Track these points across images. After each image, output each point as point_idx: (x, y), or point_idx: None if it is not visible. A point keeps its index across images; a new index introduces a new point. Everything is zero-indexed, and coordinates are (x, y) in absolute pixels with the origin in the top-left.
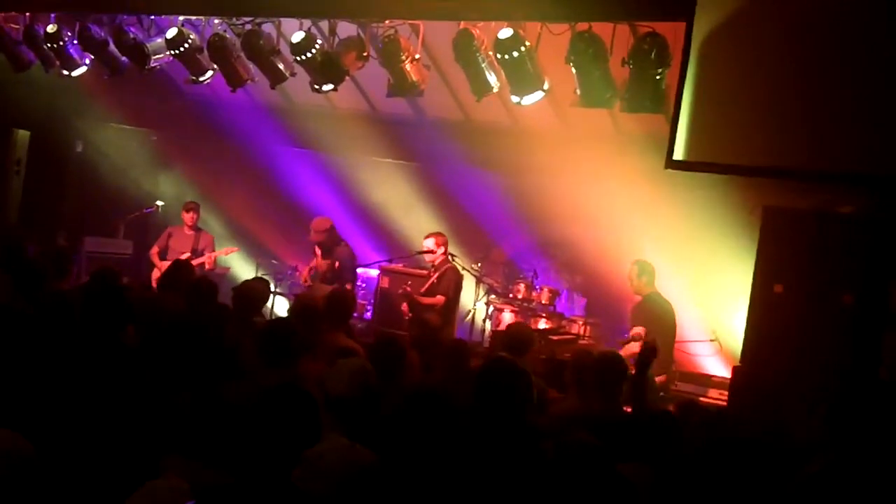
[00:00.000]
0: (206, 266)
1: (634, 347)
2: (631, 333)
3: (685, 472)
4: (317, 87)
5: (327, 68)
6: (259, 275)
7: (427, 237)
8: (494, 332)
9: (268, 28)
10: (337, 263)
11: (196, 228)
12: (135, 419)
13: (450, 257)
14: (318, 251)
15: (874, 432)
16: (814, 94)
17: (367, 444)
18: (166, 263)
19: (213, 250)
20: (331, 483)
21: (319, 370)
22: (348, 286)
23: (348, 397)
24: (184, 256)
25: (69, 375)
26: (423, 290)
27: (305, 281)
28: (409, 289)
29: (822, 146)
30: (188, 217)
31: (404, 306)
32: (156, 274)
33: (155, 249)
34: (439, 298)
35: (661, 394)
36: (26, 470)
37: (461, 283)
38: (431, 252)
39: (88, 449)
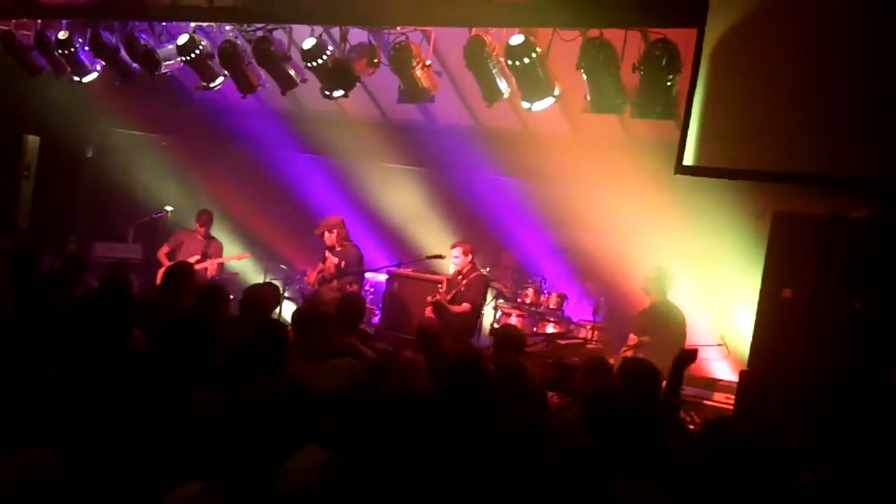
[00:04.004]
0: (209, 272)
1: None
2: (629, 342)
3: (683, 482)
4: (327, 93)
5: (338, 75)
6: (268, 279)
7: (454, 247)
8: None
9: (279, 35)
10: (343, 262)
11: (208, 237)
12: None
13: (475, 265)
14: (328, 254)
15: (878, 441)
16: (824, 99)
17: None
18: None
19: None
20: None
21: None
22: (354, 287)
23: (342, 394)
24: (192, 259)
25: (79, 383)
26: (448, 297)
27: (313, 284)
28: (439, 297)
29: (833, 151)
30: (200, 229)
31: (428, 310)
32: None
33: (164, 249)
34: (465, 307)
35: None
36: (57, 487)
37: (487, 291)
38: (441, 256)
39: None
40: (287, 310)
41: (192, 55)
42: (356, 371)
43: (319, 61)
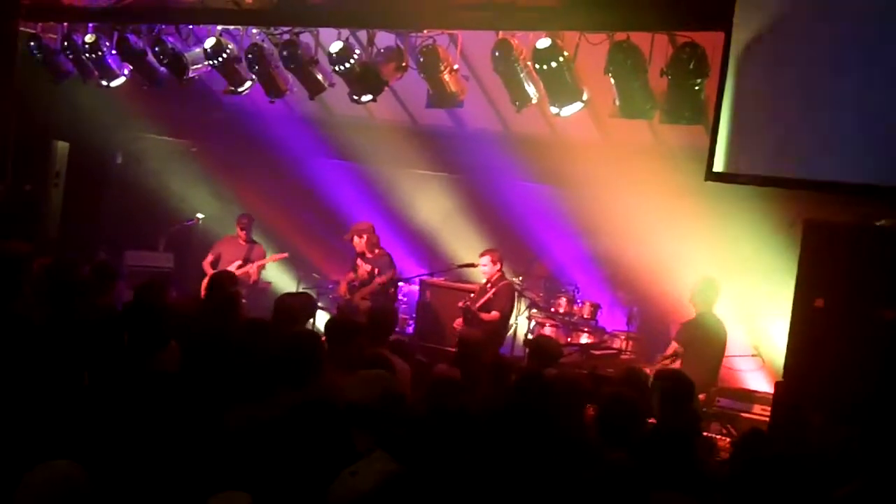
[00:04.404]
0: (252, 277)
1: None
2: (668, 351)
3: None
4: (356, 98)
5: (366, 79)
6: (301, 289)
7: (482, 255)
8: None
9: (306, 38)
10: (376, 269)
11: (250, 240)
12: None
13: (504, 273)
14: (360, 262)
15: None
16: (854, 104)
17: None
18: None
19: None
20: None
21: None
22: (391, 290)
23: (368, 405)
24: (234, 265)
25: (107, 400)
26: (478, 305)
27: (344, 294)
28: (469, 304)
29: (865, 158)
30: (241, 233)
31: (459, 321)
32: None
33: (209, 258)
34: (494, 314)
35: (704, 409)
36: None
37: (515, 299)
38: (473, 265)
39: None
40: (319, 319)
41: (220, 59)
42: (388, 383)
43: (347, 65)
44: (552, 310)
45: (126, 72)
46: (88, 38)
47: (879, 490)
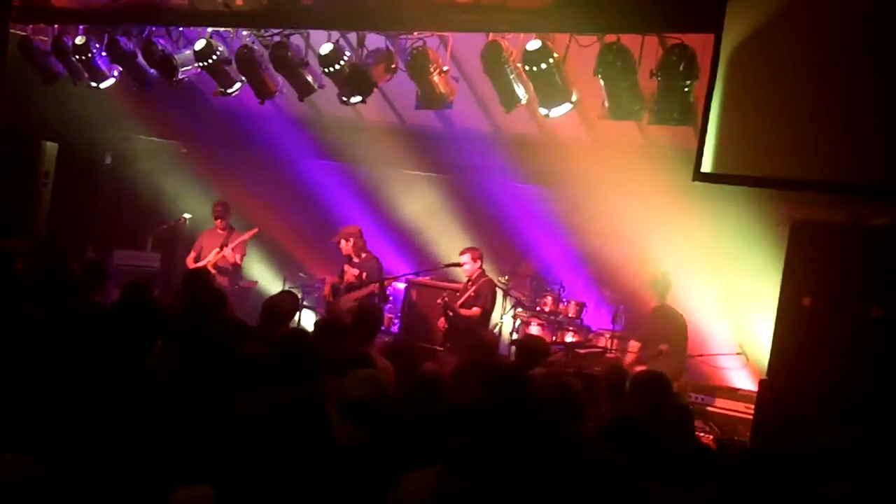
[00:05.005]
0: (229, 259)
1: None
2: (630, 349)
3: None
4: (345, 99)
5: (356, 80)
6: (286, 288)
7: (462, 253)
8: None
9: (296, 40)
10: (364, 274)
11: (227, 227)
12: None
13: (484, 271)
14: (347, 267)
15: None
16: (843, 105)
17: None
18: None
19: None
20: None
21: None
22: (374, 290)
23: (364, 402)
24: (213, 251)
25: (91, 396)
26: (459, 302)
27: (328, 296)
28: (447, 299)
29: (852, 158)
30: (217, 222)
31: (441, 320)
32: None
33: (192, 255)
34: (475, 311)
35: None
36: (36, 493)
37: (496, 296)
38: (459, 265)
39: (101, 471)
40: (306, 318)
41: (210, 61)
42: (381, 382)
43: (337, 67)
44: (538, 309)
45: (116, 73)
46: (78, 39)
47: (870, 488)
